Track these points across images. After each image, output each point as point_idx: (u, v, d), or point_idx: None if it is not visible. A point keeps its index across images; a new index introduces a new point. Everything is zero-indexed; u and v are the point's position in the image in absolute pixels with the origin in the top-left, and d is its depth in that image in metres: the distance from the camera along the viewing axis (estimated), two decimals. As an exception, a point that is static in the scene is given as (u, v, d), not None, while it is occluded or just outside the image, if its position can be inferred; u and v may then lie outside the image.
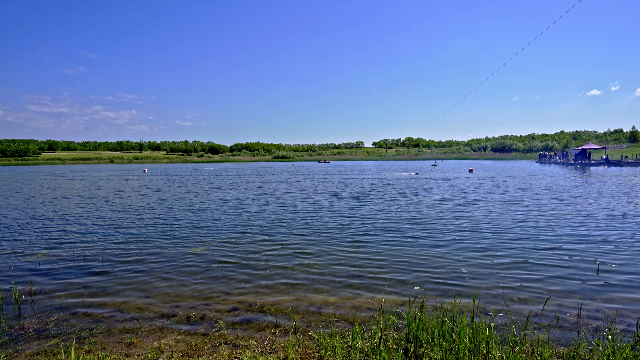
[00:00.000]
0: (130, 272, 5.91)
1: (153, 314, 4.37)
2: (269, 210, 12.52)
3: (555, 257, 6.43)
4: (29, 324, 4.12)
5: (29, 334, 3.87)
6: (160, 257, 6.79)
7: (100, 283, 5.44)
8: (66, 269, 6.12)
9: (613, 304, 4.48)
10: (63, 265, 6.33)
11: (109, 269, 6.11)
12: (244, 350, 3.42)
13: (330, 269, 5.96)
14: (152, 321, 4.16)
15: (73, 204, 15.08)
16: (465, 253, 6.73)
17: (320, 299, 4.77)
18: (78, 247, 7.64)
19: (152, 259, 6.67)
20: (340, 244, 7.52)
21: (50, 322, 4.16)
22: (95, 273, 5.90)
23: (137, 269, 6.07)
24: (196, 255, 6.84)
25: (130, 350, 3.52)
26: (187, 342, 3.64)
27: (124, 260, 6.58)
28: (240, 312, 4.37)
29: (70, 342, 3.63)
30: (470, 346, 3.13)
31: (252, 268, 6.06)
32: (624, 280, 5.27)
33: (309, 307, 4.52)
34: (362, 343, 3.40)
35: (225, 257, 6.74)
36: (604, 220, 9.75)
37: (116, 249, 7.44)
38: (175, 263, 6.39)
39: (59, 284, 5.41)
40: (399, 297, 4.76)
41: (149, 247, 7.50)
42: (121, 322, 4.14)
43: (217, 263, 6.36)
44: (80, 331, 3.93)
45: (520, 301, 4.60)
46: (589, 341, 3.46)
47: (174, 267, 6.15)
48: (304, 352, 3.37)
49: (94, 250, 7.37)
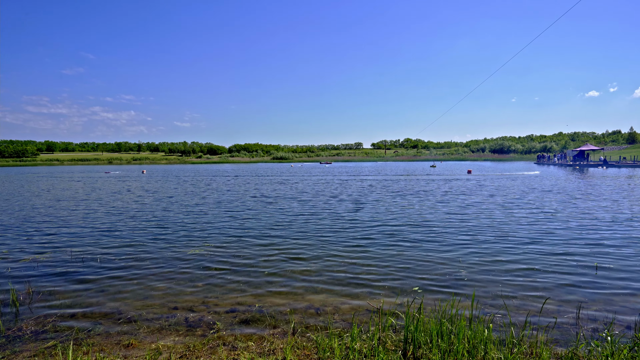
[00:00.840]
0: (128, 274, 5.90)
1: (151, 315, 4.35)
2: (268, 212, 12.51)
3: (554, 257, 6.43)
4: (27, 325, 4.10)
5: (27, 336, 3.86)
6: (158, 258, 6.78)
7: (98, 284, 5.43)
8: (64, 271, 6.10)
9: (611, 305, 4.48)
10: (61, 267, 6.31)
11: (107, 270, 6.10)
12: (242, 352, 3.41)
13: (328, 270, 5.95)
14: (150, 322, 4.15)
15: (71, 205, 15.04)
16: (464, 254, 6.73)
17: (318, 300, 4.76)
18: (76, 248, 7.61)
19: (150, 260, 6.66)
20: (339, 246, 7.52)
21: (47, 323, 4.15)
22: (93, 274, 5.88)
23: (135, 271, 6.05)
24: (195, 257, 6.82)
25: (129, 351, 3.50)
26: (186, 344, 3.63)
27: (122, 262, 6.56)
28: (238, 314, 4.36)
29: (68, 344, 3.62)
30: (469, 347, 3.13)
31: (251, 269, 6.05)
32: (622, 281, 5.28)
33: (307, 308, 4.51)
34: (360, 344, 3.39)
35: (224, 258, 6.72)
36: (602, 221, 9.77)
37: (114, 250, 7.42)
38: (174, 264, 6.38)
39: (57, 286, 5.39)
40: (397, 298, 4.76)
41: (147, 249, 7.48)
42: (119, 324, 4.13)
43: (215, 264, 6.34)
44: (78, 332, 3.91)
45: (518, 302, 4.60)
46: (588, 342, 3.47)
47: (172, 269, 6.14)
48: (302, 353, 3.36)
49: (92, 251, 7.34)
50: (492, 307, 4.45)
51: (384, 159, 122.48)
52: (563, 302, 4.58)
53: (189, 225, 10.06)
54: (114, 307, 4.60)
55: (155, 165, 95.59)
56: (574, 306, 4.45)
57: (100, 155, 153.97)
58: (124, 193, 20.08)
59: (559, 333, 3.80)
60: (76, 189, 23.03)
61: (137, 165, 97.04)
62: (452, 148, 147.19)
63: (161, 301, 4.77)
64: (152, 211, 12.83)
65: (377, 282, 5.38)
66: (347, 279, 5.53)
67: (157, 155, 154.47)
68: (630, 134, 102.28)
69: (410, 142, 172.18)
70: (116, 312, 4.45)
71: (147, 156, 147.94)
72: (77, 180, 32.73)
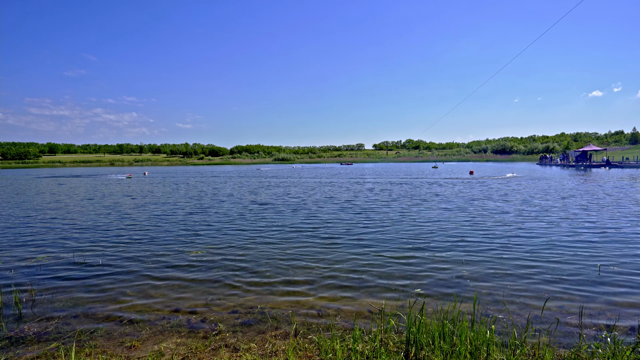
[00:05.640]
0: (130, 275, 5.91)
1: (153, 316, 4.36)
2: (270, 213, 12.52)
3: (556, 259, 6.41)
4: (29, 327, 4.12)
5: (29, 337, 3.87)
6: (160, 260, 6.79)
7: (100, 286, 5.44)
8: (66, 272, 6.12)
9: (614, 306, 4.46)
10: (63, 269, 6.33)
11: (109, 272, 6.11)
12: (244, 354, 3.42)
13: (330, 271, 5.95)
14: (153, 324, 4.16)
15: (73, 206, 15.09)
16: (466, 256, 6.72)
17: (320, 302, 4.76)
18: (78, 250, 7.64)
19: (152, 262, 6.67)
20: (341, 248, 7.52)
21: (50, 325, 4.16)
22: (95, 276, 5.90)
23: (137, 272, 6.06)
24: (197, 259, 6.84)
25: (131, 353, 3.51)
26: (188, 345, 3.63)
27: (124, 264, 6.58)
28: (240, 315, 4.37)
29: (71, 346, 3.63)
30: (471, 349, 3.13)
31: (253, 271, 6.05)
32: (625, 282, 5.26)
33: (309, 310, 4.51)
34: (362, 346, 3.39)
35: (225, 260, 6.73)
36: (604, 221, 9.73)
37: (116, 252, 7.44)
38: (176, 266, 6.39)
39: (59, 287, 5.41)
40: (399, 300, 4.75)
41: (150, 250, 7.50)
42: (121, 325, 4.14)
43: (217, 266, 6.35)
44: (81, 334, 3.92)
45: (521, 303, 4.58)
46: (590, 344, 3.45)
47: (174, 270, 6.15)
48: (304, 355, 3.36)
49: (94, 253, 7.37)
50: (494, 309, 4.43)
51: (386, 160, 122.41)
52: (566, 303, 4.57)
53: (191, 226, 10.07)
54: (116, 308, 4.62)
55: (156, 167, 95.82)
56: (576, 307, 4.43)
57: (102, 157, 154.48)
58: (131, 195, 20.13)
59: (562, 334, 3.79)
60: (82, 191, 23.11)
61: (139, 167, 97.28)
62: (454, 149, 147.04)
63: (163, 303, 4.78)
64: (154, 212, 12.86)
65: (378, 283, 5.38)
66: (349, 280, 5.53)
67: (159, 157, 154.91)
68: (633, 134, 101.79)
69: (412, 143, 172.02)
70: (118, 313, 4.47)
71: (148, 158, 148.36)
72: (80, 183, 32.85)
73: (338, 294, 4.99)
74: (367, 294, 4.97)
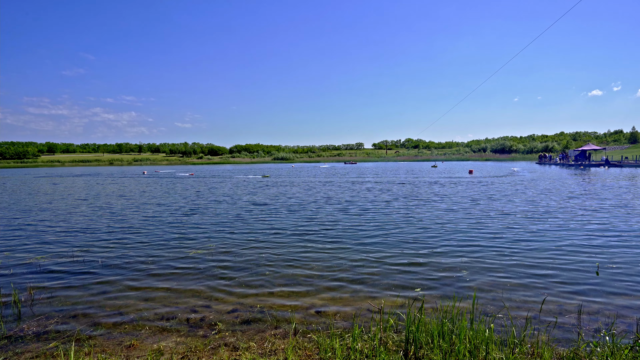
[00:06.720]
0: (129, 274, 5.91)
1: (153, 316, 4.36)
2: (270, 213, 12.52)
3: (555, 258, 6.42)
4: (28, 326, 4.11)
5: (28, 337, 3.87)
6: (159, 259, 6.79)
7: (99, 285, 5.44)
8: (65, 272, 6.11)
9: (613, 305, 4.47)
10: (62, 268, 6.32)
11: (108, 271, 6.11)
12: (243, 352, 3.42)
13: (329, 271, 5.95)
14: (152, 323, 4.15)
15: (72, 206, 15.07)
16: (465, 255, 6.72)
17: (319, 300, 4.76)
18: (77, 249, 7.63)
19: (151, 261, 6.67)
20: (341, 247, 7.52)
21: (49, 324, 4.16)
22: (94, 275, 5.89)
23: (136, 271, 6.06)
24: (196, 258, 6.83)
25: (130, 352, 3.51)
26: (187, 344, 3.63)
27: (124, 262, 6.57)
28: (240, 314, 4.37)
29: (70, 345, 3.63)
30: (470, 347, 3.13)
31: (252, 270, 6.05)
32: (623, 281, 5.27)
33: (308, 309, 4.52)
34: (361, 345, 3.39)
35: (225, 259, 6.73)
36: (602, 220, 9.75)
37: (115, 251, 7.43)
38: (175, 265, 6.38)
39: (58, 287, 5.41)
40: (398, 298, 4.76)
41: (149, 250, 7.49)
42: (121, 324, 4.14)
43: (216, 265, 6.35)
44: (80, 333, 3.92)
45: (520, 302, 4.59)
46: (589, 342, 3.46)
47: (173, 270, 6.14)
48: (303, 353, 3.37)
49: (93, 252, 7.36)
50: (493, 308, 4.44)
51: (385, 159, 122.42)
52: (564, 302, 4.58)
53: (191, 226, 10.07)
54: (116, 307, 4.61)
55: (155, 167, 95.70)
56: (575, 306, 4.44)
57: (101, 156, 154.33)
58: (129, 194, 20.12)
59: (561, 333, 3.80)
60: (81, 190, 23.08)
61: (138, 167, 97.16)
62: (453, 148, 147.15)
63: (162, 302, 4.78)
64: (154, 212, 12.85)
65: (378, 282, 5.38)
66: (348, 279, 5.53)
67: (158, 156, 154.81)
68: (632, 133, 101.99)
69: (411, 142, 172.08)
70: (118, 312, 4.46)
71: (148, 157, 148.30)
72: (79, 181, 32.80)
73: (337, 293, 4.99)
74: (366, 293, 4.97)
